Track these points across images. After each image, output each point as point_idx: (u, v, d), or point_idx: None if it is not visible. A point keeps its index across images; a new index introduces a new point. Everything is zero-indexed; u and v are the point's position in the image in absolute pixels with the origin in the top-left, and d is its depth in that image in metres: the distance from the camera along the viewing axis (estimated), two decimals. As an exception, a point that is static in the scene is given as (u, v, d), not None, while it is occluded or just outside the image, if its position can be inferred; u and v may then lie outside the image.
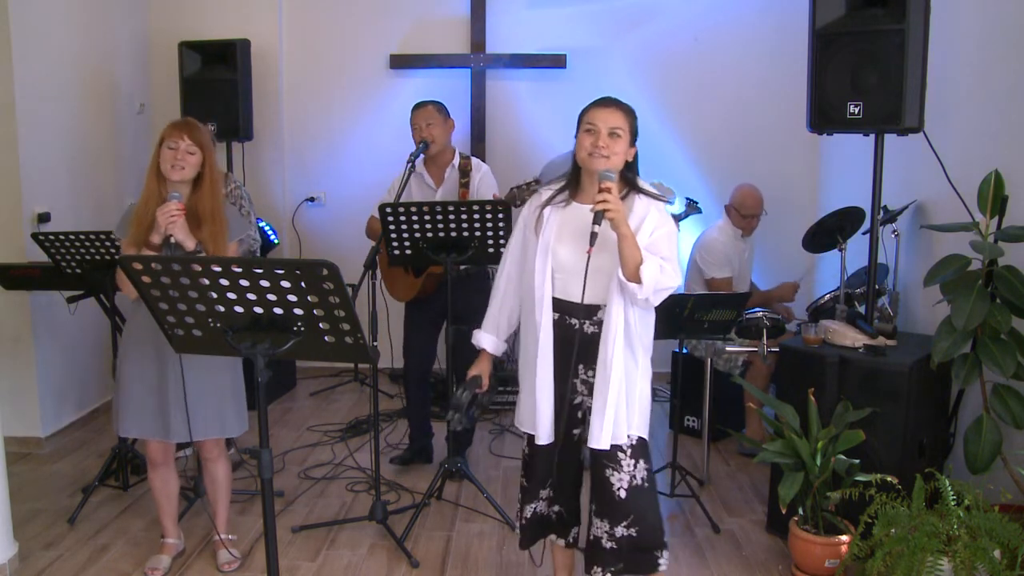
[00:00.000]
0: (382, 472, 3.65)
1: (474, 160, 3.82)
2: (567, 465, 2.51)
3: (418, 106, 3.76)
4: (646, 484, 2.41)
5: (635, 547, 2.40)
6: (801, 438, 2.92)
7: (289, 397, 5.17)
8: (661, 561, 2.43)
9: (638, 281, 2.23)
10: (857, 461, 2.85)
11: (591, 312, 2.37)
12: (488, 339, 2.59)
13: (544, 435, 2.43)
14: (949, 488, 2.59)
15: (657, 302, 2.34)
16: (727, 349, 4.00)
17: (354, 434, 4.45)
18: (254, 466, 3.72)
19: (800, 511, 2.97)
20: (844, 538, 2.87)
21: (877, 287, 3.51)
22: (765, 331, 3.77)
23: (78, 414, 4.53)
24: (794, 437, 2.92)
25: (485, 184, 3.75)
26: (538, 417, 2.43)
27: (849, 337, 3.15)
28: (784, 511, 2.89)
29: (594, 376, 2.36)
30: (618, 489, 2.38)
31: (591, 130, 2.34)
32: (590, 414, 2.37)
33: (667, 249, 2.32)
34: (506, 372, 5.06)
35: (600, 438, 2.34)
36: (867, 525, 2.63)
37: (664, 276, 2.26)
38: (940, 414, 3.36)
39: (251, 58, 4.96)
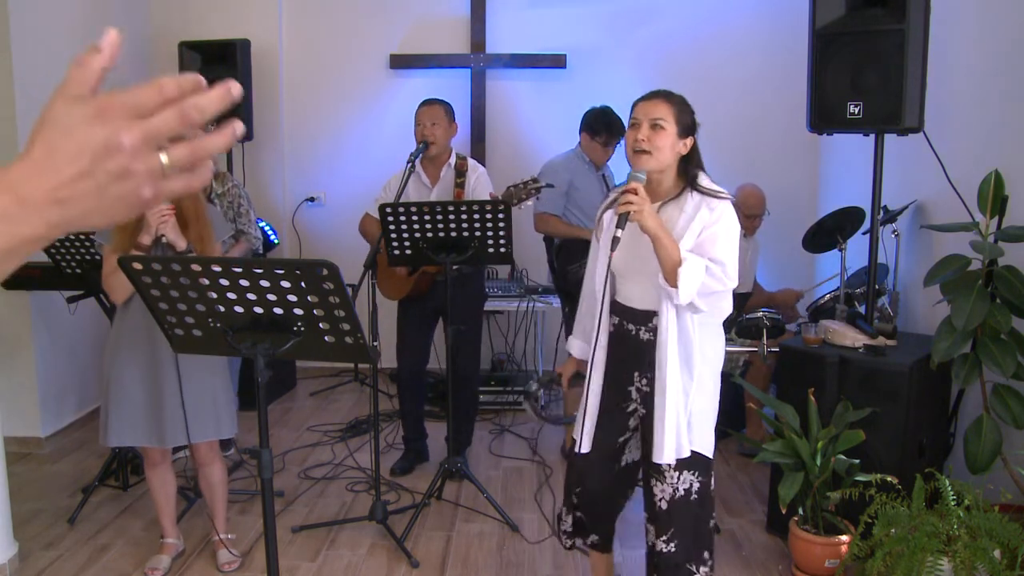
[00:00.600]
0: (382, 472, 3.64)
1: (470, 161, 3.83)
2: (606, 473, 2.42)
3: (427, 103, 3.75)
4: (693, 498, 2.30)
5: (668, 561, 2.33)
6: (801, 438, 2.92)
7: (289, 397, 5.17)
8: None
9: (676, 285, 2.12)
10: (857, 461, 2.85)
11: (647, 318, 2.28)
12: (575, 344, 2.55)
13: (585, 443, 2.36)
14: (949, 488, 2.59)
15: (710, 308, 2.20)
16: (727, 349, 4.00)
17: (354, 434, 4.45)
18: (254, 466, 3.72)
19: (800, 511, 2.97)
20: (844, 538, 2.87)
21: (877, 287, 3.51)
22: (765, 331, 3.77)
23: (78, 414, 4.53)
24: (794, 437, 2.92)
25: (481, 185, 3.76)
26: (584, 423, 2.36)
27: (849, 337, 3.15)
28: (784, 511, 2.89)
29: (647, 385, 2.29)
30: (659, 500, 2.31)
31: (634, 124, 2.25)
32: (643, 424, 2.30)
33: (718, 250, 2.17)
34: (506, 373, 5.08)
35: (663, 452, 2.23)
36: (867, 525, 2.63)
37: (712, 279, 2.14)
38: (940, 414, 3.36)
39: (251, 58, 4.96)
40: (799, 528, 2.95)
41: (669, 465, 2.28)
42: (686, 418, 2.25)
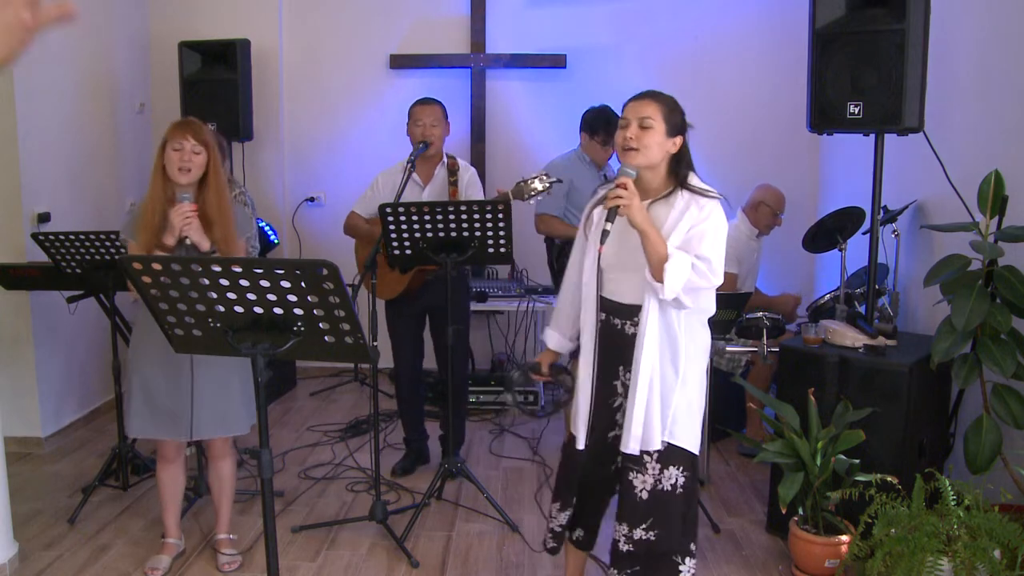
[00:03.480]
0: (382, 472, 3.64)
1: (460, 160, 3.85)
2: (599, 467, 2.44)
3: (425, 102, 3.74)
4: (678, 492, 2.32)
5: (651, 551, 2.33)
6: (801, 438, 2.92)
7: (289, 397, 5.17)
8: (683, 568, 2.34)
9: (662, 280, 2.15)
10: (857, 461, 2.85)
11: (632, 313, 2.31)
12: (551, 336, 2.58)
13: (582, 438, 2.38)
14: (949, 488, 2.59)
15: (695, 305, 2.23)
16: (727, 349, 4.00)
17: (354, 434, 4.45)
18: (254, 466, 3.71)
19: (800, 511, 2.97)
20: (844, 538, 2.87)
21: (877, 287, 3.51)
22: (765, 331, 3.77)
23: (78, 414, 4.53)
24: (794, 437, 2.92)
25: (474, 183, 3.80)
26: (578, 419, 2.38)
27: (849, 337, 3.15)
28: (784, 511, 2.88)
29: (630, 379, 2.31)
30: (640, 491, 2.32)
31: (623, 124, 2.29)
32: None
33: (705, 247, 2.20)
34: (506, 373, 5.07)
35: (628, 441, 2.27)
36: (867, 525, 2.63)
37: (697, 275, 2.17)
38: (940, 414, 3.36)
39: (251, 58, 4.96)
40: (799, 528, 2.95)
41: (651, 457, 2.30)
42: (659, 411, 2.28)
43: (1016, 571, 2.39)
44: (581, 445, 2.38)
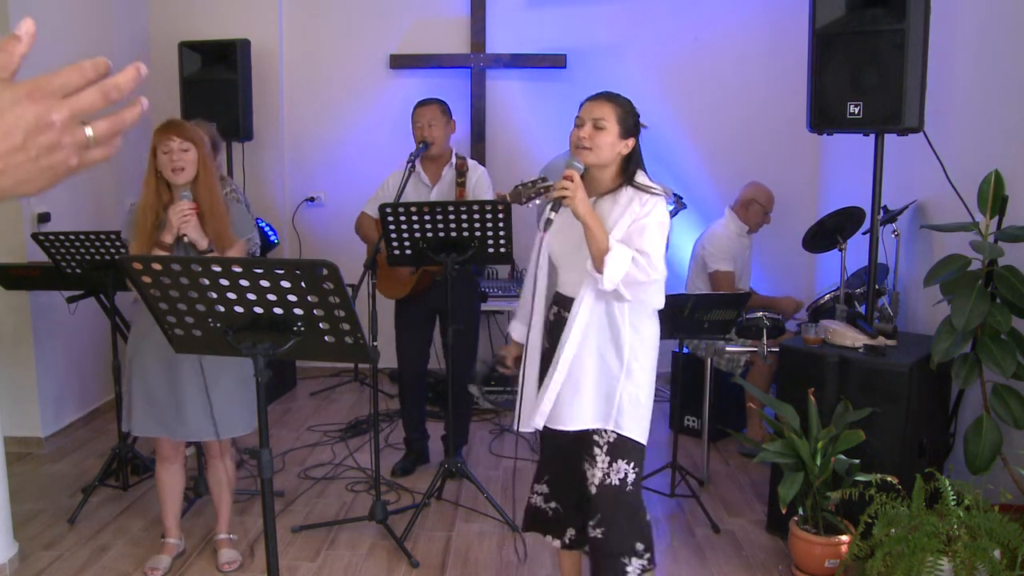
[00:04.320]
0: (382, 472, 3.64)
1: (470, 161, 3.84)
2: (562, 453, 2.48)
3: (422, 104, 3.75)
4: (627, 488, 2.35)
5: (598, 549, 2.37)
6: (801, 438, 2.92)
7: (289, 397, 5.17)
8: (629, 569, 2.35)
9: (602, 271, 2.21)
10: (857, 461, 2.85)
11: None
12: (516, 328, 2.63)
13: (524, 424, 2.46)
14: (949, 488, 2.59)
15: (635, 298, 2.28)
16: (727, 349, 4.00)
17: (354, 434, 4.45)
18: (254, 466, 3.72)
19: (800, 511, 2.97)
20: (844, 538, 2.87)
21: (877, 287, 3.51)
22: (765, 331, 3.77)
23: (78, 414, 4.53)
24: (794, 437, 2.92)
25: (481, 185, 3.76)
26: (517, 404, 2.48)
27: (849, 337, 3.15)
28: (784, 511, 2.89)
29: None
30: (590, 484, 2.38)
31: (578, 123, 2.35)
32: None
33: (646, 241, 2.26)
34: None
35: (534, 415, 2.37)
36: (867, 525, 2.63)
37: (636, 269, 2.22)
38: (940, 414, 3.36)
39: (251, 58, 4.96)
40: (799, 528, 2.95)
41: (600, 448, 2.34)
42: (598, 397, 2.33)
43: (1016, 571, 2.39)
44: (523, 428, 2.46)
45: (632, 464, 2.36)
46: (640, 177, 2.38)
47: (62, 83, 0.76)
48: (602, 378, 2.33)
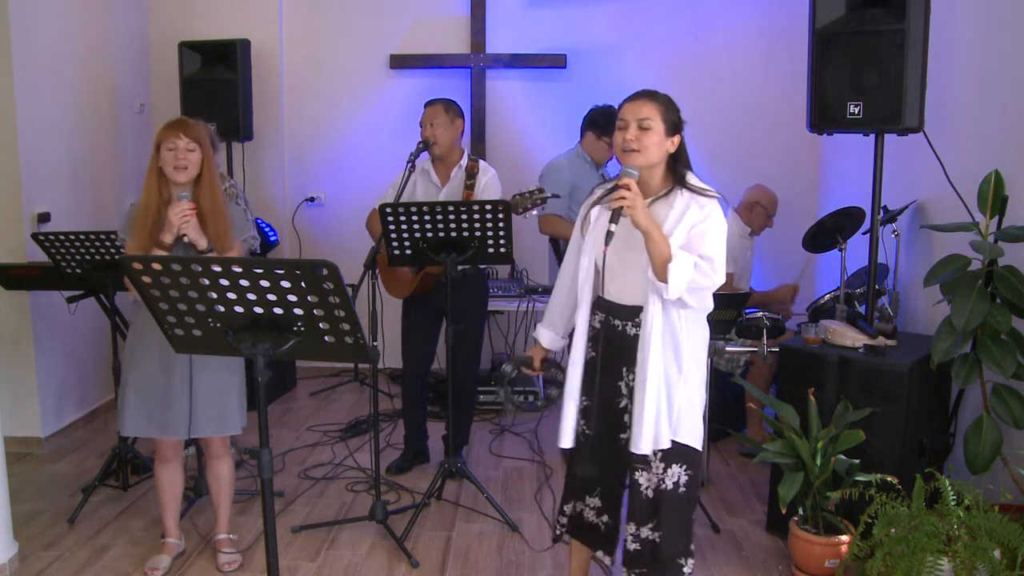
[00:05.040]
0: (380, 472, 3.64)
1: (481, 163, 3.82)
2: (615, 466, 2.43)
3: (428, 104, 3.75)
4: (681, 491, 2.34)
5: (656, 552, 2.35)
6: (801, 438, 2.92)
7: (289, 397, 5.17)
8: (686, 569, 2.38)
9: (666, 280, 2.17)
10: (857, 461, 2.85)
11: (634, 313, 2.32)
12: (544, 334, 2.59)
13: (563, 438, 2.41)
14: (949, 488, 2.59)
15: (698, 304, 2.25)
16: (727, 349, 4.00)
17: (354, 434, 4.45)
18: (254, 466, 3.72)
19: (800, 511, 2.97)
20: (844, 538, 2.87)
21: (877, 287, 3.51)
22: (765, 331, 3.77)
23: (78, 414, 4.53)
24: (794, 437, 2.92)
25: (491, 187, 3.75)
26: (562, 419, 2.41)
27: (849, 337, 3.15)
28: (784, 511, 2.89)
29: (634, 380, 2.31)
30: (645, 489, 2.34)
31: (621, 126, 2.30)
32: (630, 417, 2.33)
33: (707, 246, 2.22)
34: (497, 371, 5.07)
35: (640, 443, 2.27)
36: (867, 525, 2.63)
37: (700, 275, 2.18)
38: (940, 414, 3.36)
39: (251, 58, 4.95)
40: (799, 528, 2.95)
41: (655, 456, 2.31)
42: (667, 410, 2.29)
43: (1016, 571, 2.39)
44: (564, 444, 2.42)
45: (685, 467, 2.34)
46: (691, 178, 2.33)
47: None
48: (668, 390, 2.29)
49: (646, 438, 2.27)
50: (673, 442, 2.31)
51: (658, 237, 2.18)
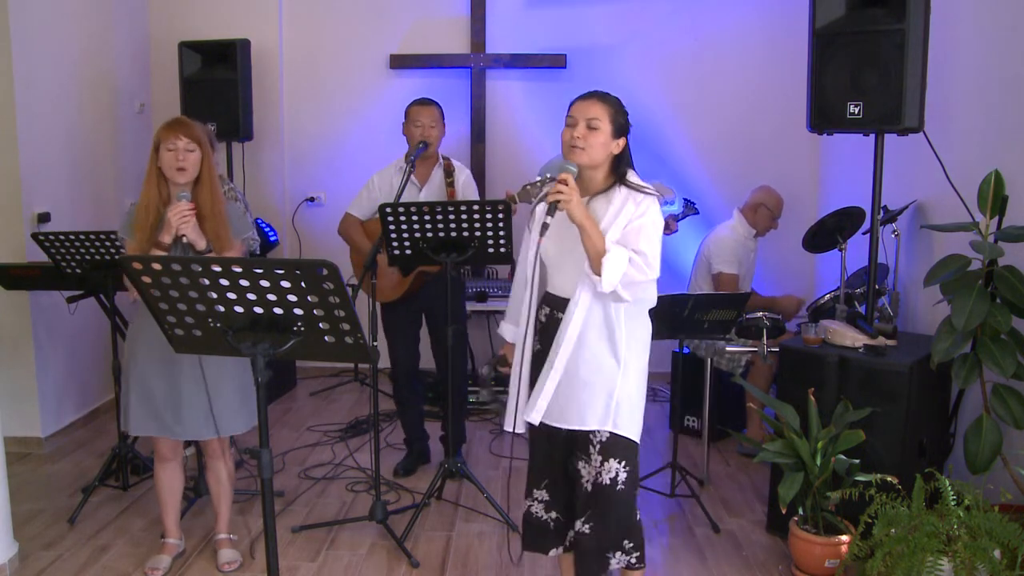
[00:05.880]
0: (383, 473, 3.64)
1: (455, 162, 3.86)
2: (557, 454, 2.47)
3: (423, 103, 3.73)
4: (619, 488, 2.36)
5: (585, 544, 2.37)
6: (801, 438, 2.92)
7: (289, 397, 5.17)
8: (612, 561, 2.39)
9: (600, 273, 2.21)
10: (857, 461, 2.85)
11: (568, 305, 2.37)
12: (507, 329, 2.63)
13: (507, 422, 2.45)
14: (949, 488, 2.59)
15: (633, 298, 2.29)
16: (727, 349, 4.00)
17: (354, 434, 4.45)
18: (254, 466, 3.72)
19: (800, 511, 2.97)
20: (844, 538, 2.87)
21: (877, 287, 3.51)
22: (765, 331, 3.77)
23: (78, 414, 4.53)
24: (794, 437, 2.92)
25: (470, 185, 3.82)
26: (511, 406, 2.46)
27: (849, 337, 3.15)
28: (784, 511, 2.89)
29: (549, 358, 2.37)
30: (585, 482, 2.39)
31: (570, 123, 2.37)
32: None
33: (643, 241, 2.27)
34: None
35: (531, 412, 2.36)
36: (867, 525, 2.63)
37: (634, 269, 2.23)
38: (940, 414, 3.36)
39: (251, 58, 4.95)
40: (799, 528, 2.95)
41: (594, 447, 2.35)
42: (609, 399, 2.32)
43: (1016, 571, 2.39)
44: (508, 427, 2.45)
45: (624, 463, 2.36)
46: (632, 176, 2.38)
47: None
48: (600, 377, 2.33)
49: (537, 409, 2.35)
50: (612, 434, 2.34)
51: (592, 231, 2.23)
